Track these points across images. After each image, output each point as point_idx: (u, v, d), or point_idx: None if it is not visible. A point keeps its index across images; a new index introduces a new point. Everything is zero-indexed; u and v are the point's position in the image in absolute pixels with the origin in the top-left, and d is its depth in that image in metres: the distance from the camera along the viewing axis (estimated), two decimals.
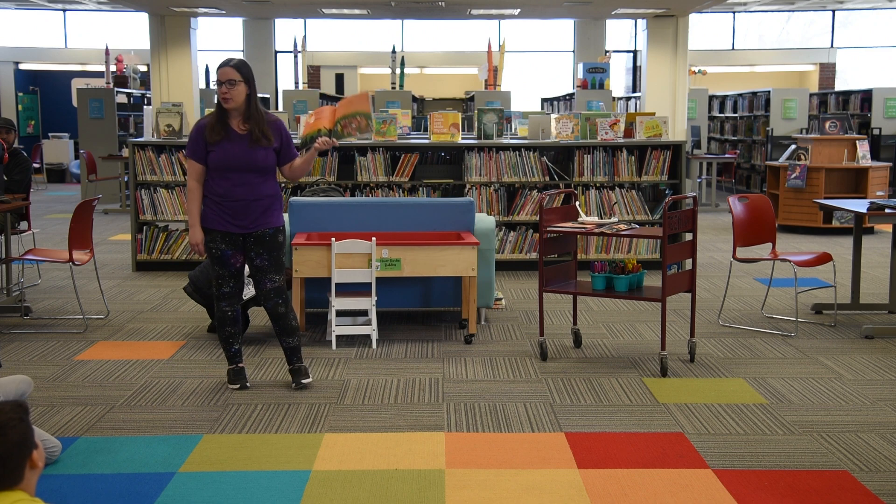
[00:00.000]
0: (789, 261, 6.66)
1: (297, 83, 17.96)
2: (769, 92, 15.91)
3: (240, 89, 4.91)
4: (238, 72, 4.91)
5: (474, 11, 15.92)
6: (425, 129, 11.43)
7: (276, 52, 20.90)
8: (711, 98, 18.48)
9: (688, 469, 4.02)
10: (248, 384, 5.14)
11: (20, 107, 20.90)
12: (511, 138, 9.59)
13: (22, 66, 21.66)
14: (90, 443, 4.30)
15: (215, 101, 5.02)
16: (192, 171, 4.98)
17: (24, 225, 8.01)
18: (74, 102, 16.07)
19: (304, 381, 5.13)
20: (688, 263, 5.98)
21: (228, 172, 4.92)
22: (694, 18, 16.30)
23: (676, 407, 4.84)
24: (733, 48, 22.48)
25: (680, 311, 6.97)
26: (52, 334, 6.39)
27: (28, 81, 21.53)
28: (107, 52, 16.60)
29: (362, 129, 5.04)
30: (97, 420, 4.61)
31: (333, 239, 5.93)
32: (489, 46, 17.06)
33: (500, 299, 7.22)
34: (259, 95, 5.08)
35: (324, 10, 15.52)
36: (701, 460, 4.11)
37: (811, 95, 17.41)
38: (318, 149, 5.02)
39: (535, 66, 22.47)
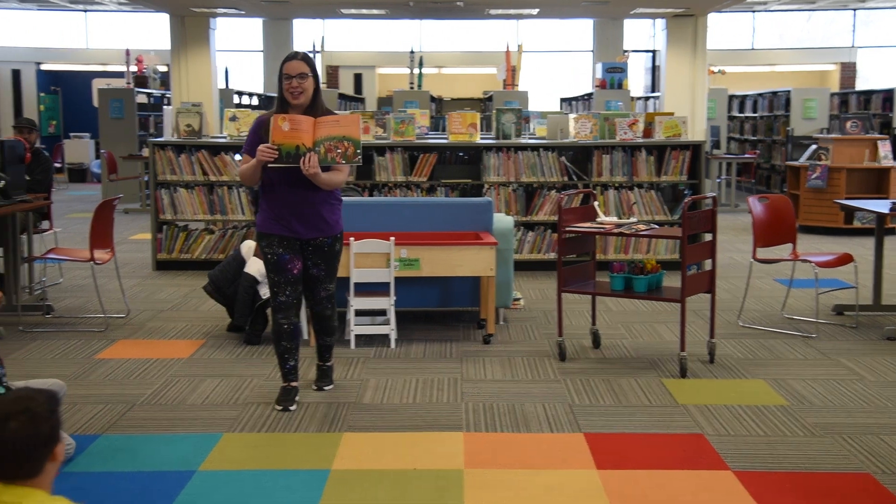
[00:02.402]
0: (810, 261, 6.62)
1: None
2: (789, 92, 15.81)
3: (310, 83, 4.66)
4: (308, 64, 4.69)
5: (493, 11, 15.91)
6: (444, 129, 11.43)
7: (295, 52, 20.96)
8: (731, 98, 18.38)
9: (708, 470, 4.00)
10: (292, 408, 4.78)
11: (42, 107, 21.06)
12: (529, 138, 9.58)
13: (43, 67, 21.82)
14: (111, 441, 4.33)
15: (277, 97, 4.75)
16: (245, 159, 4.73)
17: (45, 224, 8.07)
18: (95, 102, 16.20)
19: (325, 387, 5.13)
20: (707, 264, 5.95)
21: (286, 174, 4.64)
22: (713, 18, 16.23)
23: (696, 408, 4.82)
24: (753, 48, 22.37)
25: (699, 311, 6.94)
26: (73, 333, 6.44)
27: (50, 82, 21.69)
28: (127, 52, 16.70)
29: (348, 157, 4.61)
30: (118, 418, 4.64)
31: (352, 239, 5.94)
32: (507, 46, 17.05)
33: (518, 299, 7.21)
34: (278, 96, 4.92)
35: (342, 10, 15.55)
36: (721, 462, 4.09)
37: (832, 95, 17.30)
38: (308, 174, 4.56)
39: (554, 66, 22.42)
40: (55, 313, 7.00)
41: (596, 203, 5.98)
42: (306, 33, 20.33)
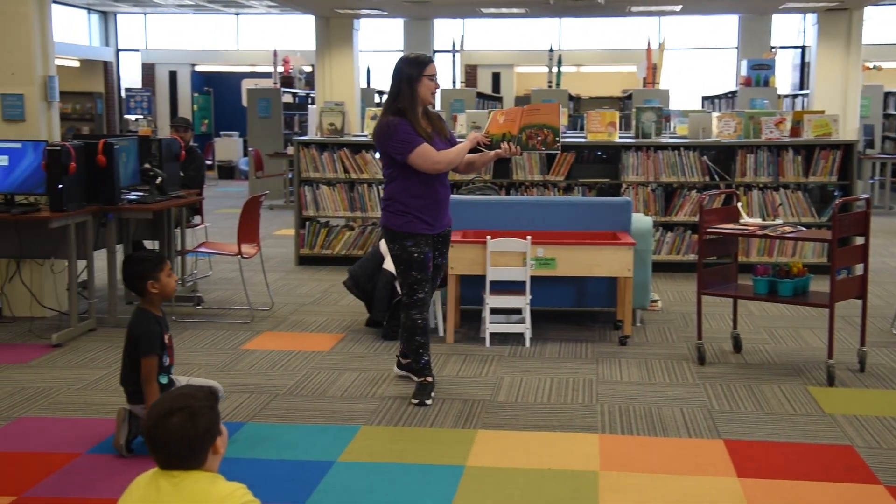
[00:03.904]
0: None
1: (454, 82, 18.16)
2: None
3: None
4: None
5: (634, 8, 15.66)
6: (581, 128, 11.34)
7: (435, 51, 21.20)
8: (887, 95, 17.46)
9: (857, 484, 3.83)
10: (428, 402, 4.83)
11: (195, 107, 22.04)
12: (670, 137, 9.39)
13: (198, 69, 22.83)
14: (256, 429, 4.50)
15: (406, 96, 4.73)
16: (429, 149, 4.67)
17: (197, 219, 8.45)
18: (244, 102, 16.81)
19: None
20: (859, 268, 5.69)
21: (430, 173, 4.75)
22: (869, 11, 15.48)
23: (844, 418, 4.62)
24: None
25: (849, 318, 6.63)
26: (221, 324, 6.72)
27: (203, 83, 22.68)
28: (275, 53, 17.27)
29: (548, 144, 4.76)
30: (262, 407, 4.82)
31: (489, 237, 5.98)
32: (648, 44, 16.75)
33: (656, 301, 7.09)
34: (409, 95, 4.96)
35: (482, 9, 15.63)
36: (872, 475, 3.90)
37: None
38: (499, 154, 4.82)
39: (696, 64, 21.87)
40: (204, 305, 7.32)
41: (739, 204, 5.82)
42: (445, 33, 20.54)
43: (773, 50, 17.79)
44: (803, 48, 19.69)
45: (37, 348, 5.98)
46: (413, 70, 4.73)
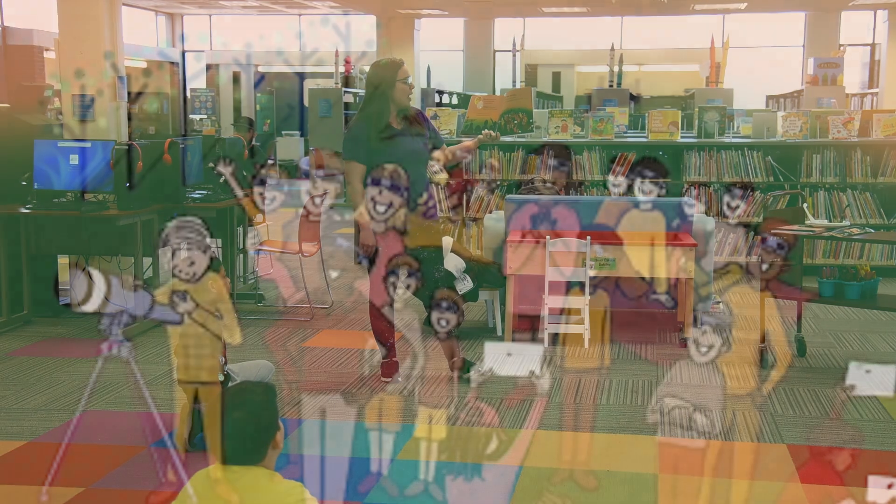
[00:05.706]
0: None
1: (514, 82, 18.13)
2: None
3: None
4: None
5: (698, 6, 15.48)
6: (643, 128, 11.24)
7: (495, 51, 21.19)
8: None
9: None
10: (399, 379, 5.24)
11: (258, 106, 22.35)
12: (733, 137, 9.26)
13: (261, 69, 23.14)
14: (315, 426, 4.54)
15: (379, 100, 4.98)
16: (357, 172, 4.97)
17: (259, 218, 8.55)
18: (306, 102, 16.98)
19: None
20: None
21: (410, 160, 4.93)
22: None
23: None
24: None
25: None
26: (282, 321, 6.80)
27: (266, 83, 22.99)
28: (336, 54, 17.43)
29: (523, 125, 5.08)
30: (322, 404, 4.87)
31: (548, 237, 5.96)
32: (712, 42, 16.53)
33: (717, 303, 7.00)
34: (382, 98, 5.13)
35: (544, 8, 15.59)
36: None
37: None
38: (481, 140, 5.07)
39: (761, 62, 21.51)
40: (265, 302, 7.42)
41: (805, 205, 5.71)
42: (506, 32, 20.52)
43: (842, 47, 17.42)
44: (873, 45, 19.25)
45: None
46: (387, 74, 4.95)
